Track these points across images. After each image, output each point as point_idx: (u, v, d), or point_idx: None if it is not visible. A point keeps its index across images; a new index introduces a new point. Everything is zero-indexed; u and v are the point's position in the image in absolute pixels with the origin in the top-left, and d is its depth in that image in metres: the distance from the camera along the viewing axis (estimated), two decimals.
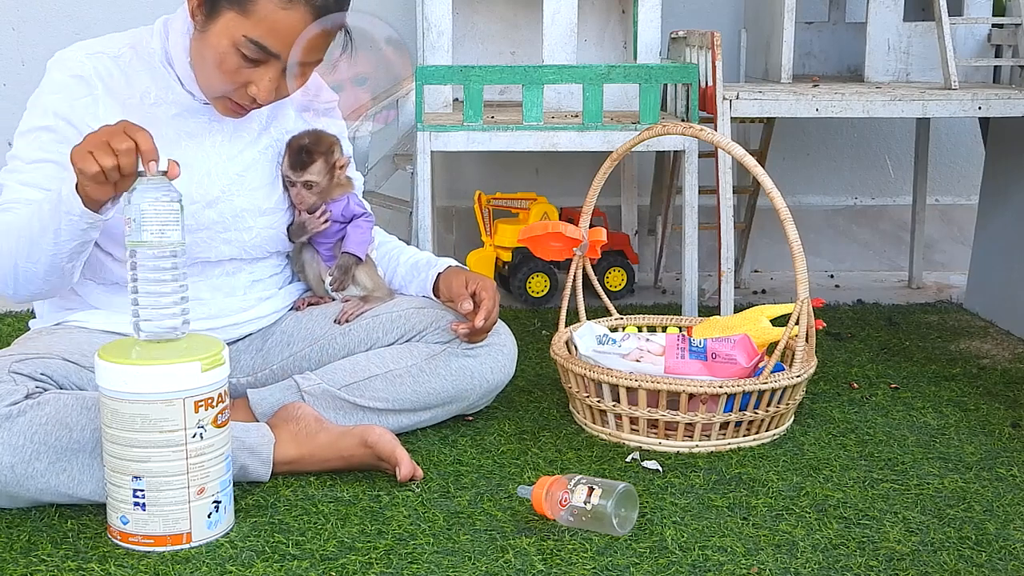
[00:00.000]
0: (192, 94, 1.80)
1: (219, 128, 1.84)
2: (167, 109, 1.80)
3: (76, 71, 1.75)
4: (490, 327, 1.93)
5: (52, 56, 1.78)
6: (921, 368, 2.35)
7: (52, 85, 1.75)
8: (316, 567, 1.45)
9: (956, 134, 3.38)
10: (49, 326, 1.83)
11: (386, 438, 1.71)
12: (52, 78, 1.76)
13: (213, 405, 1.49)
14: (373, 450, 1.71)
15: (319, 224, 1.94)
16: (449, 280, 1.97)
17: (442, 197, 3.19)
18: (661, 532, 1.56)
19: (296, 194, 1.92)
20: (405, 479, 1.69)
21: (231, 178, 1.85)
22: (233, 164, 1.86)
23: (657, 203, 3.13)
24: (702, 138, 1.99)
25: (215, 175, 1.83)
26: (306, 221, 1.94)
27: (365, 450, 1.71)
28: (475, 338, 1.93)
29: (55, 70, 1.76)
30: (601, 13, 3.05)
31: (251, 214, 1.87)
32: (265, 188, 1.90)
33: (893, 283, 3.24)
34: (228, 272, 1.89)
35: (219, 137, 1.85)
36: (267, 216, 1.90)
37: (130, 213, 1.47)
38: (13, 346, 1.76)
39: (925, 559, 1.49)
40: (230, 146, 1.86)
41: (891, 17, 2.82)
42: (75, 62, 1.76)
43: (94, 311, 1.82)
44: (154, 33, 1.82)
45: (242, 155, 1.87)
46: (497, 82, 2.38)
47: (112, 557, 1.47)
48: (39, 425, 1.53)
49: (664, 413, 1.85)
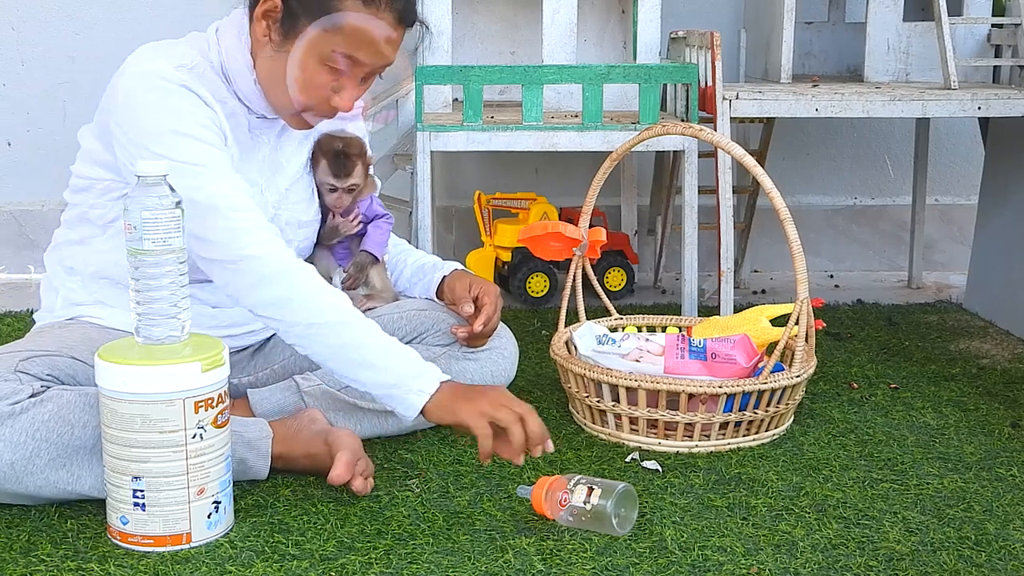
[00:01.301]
0: (247, 105, 1.76)
1: (265, 141, 1.82)
2: (237, 121, 1.76)
3: (180, 80, 1.65)
4: (490, 332, 1.93)
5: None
6: (921, 368, 2.35)
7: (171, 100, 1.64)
8: (316, 567, 1.45)
9: (956, 134, 3.38)
10: (62, 320, 1.80)
11: (345, 441, 1.67)
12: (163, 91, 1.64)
13: (213, 405, 1.49)
14: (329, 449, 1.68)
15: (353, 227, 1.94)
16: (453, 283, 1.97)
17: (442, 197, 3.19)
18: (661, 532, 1.56)
19: (337, 199, 1.91)
20: (332, 482, 1.62)
21: (280, 193, 1.84)
22: (281, 178, 1.84)
23: (657, 203, 3.13)
24: (702, 138, 1.99)
25: (266, 191, 1.81)
26: (339, 224, 1.93)
27: (324, 448, 1.69)
28: (474, 343, 1.93)
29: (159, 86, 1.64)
30: (601, 13, 3.05)
31: (293, 227, 1.85)
32: (306, 201, 1.89)
33: (893, 283, 3.24)
34: None
35: (266, 150, 1.82)
36: (304, 228, 1.90)
37: (131, 219, 1.46)
38: (24, 340, 1.75)
39: (925, 559, 1.49)
40: (275, 159, 1.84)
41: (891, 17, 2.82)
42: (173, 76, 1.65)
43: (110, 308, 1.79)
44: (210, 44, 1.75)
45: (287, 168, 1.85)
46: (497, 82, 2.38)
47: (112, 557, 1.47)
48: (41, 422, 1.53)
49: (664, 413, 1.85)
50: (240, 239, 1.62)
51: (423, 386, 1.60)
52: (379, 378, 1.61)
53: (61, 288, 1.82)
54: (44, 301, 1.87)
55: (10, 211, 3.19)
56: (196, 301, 1.82)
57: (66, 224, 1.83)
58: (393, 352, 1.63)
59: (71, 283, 1.81)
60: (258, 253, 1.62)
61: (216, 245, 1.63)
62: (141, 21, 3.11)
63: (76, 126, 1.81)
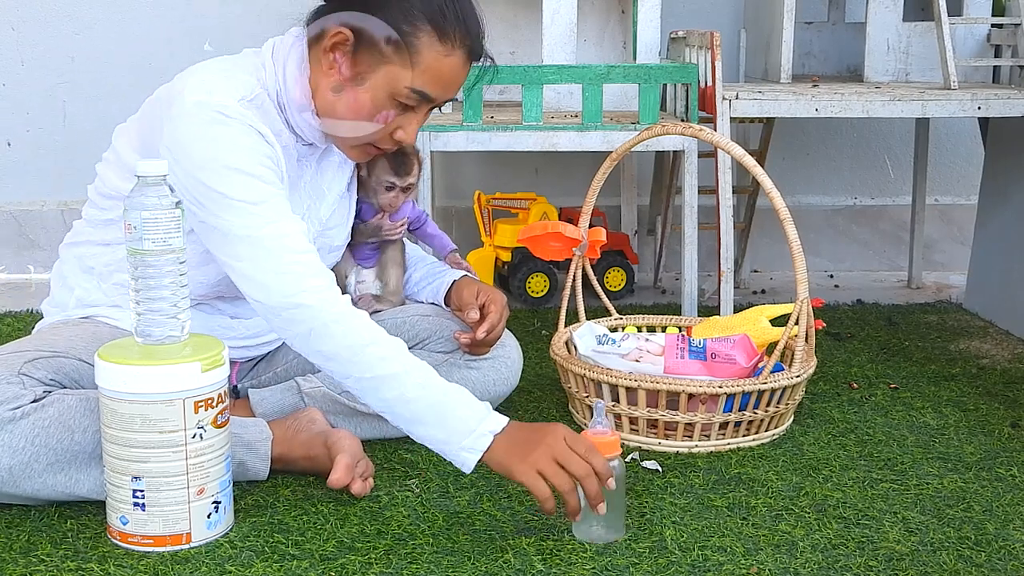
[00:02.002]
0: (298, 133, 1.73)
1: (307, 166, 1.79)
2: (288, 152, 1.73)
3: (242, 117, 1.60)
4: (493, 340, 1.91)
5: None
6: (921, 368, 2.35)
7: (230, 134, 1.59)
8: (316, 567, 1.45)
9: (956, 134, 3.38)
10: (75, 319, 1.77)
11: (344, 443, 1.67)
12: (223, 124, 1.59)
13: (213, 405, 1.49)
14: (329, 451, 1.67)
15: (397, 232, 1.96)
16: (461, 290, 1.95)
17: (442, 197, 3.20)
18: (661, 532, 1.56)
19: (394, 197, 1.92)
20: (331, 485, 1.62)
21: (321, 222, 1.83)
22: (321, 207, 1.83)
23: (657, 203, 3.13)
24: (702, 138, 1.99)
25: (310, 219, 1.79)
26: (384, 227, 1.94)
27: (323, 450, 1.68)
28: (477, 350, 1.92)
29: (219, 120, 1.58)
30: (601, 13, 3.05)
31: (323, 252, 1.81)
32: (340, 227, 1.88)
33: (893, 283, 3.24)
34: None
35: (307, 176, 1.80)
36: (334, 253, 1.89)
37: (131, 219, 1.46)
38: (33, 337, 1.72)
39: (924, 559, 1.49)
40: (315, 185, 1.81)
41: (891, 17, 2.82)
42: (236, 112, 1.60)
43: (125, 311, 1.73)
44: (266, 68, 1.69)
45: (327, 197, 1.83)
46: (497, 82, 2.37)
47: (111, 557, 1.47)
48: (41, 428, 1.53)
49: (664, 413, 1.85)
50: (292, 285, 1.56)
51: (474, 443, 1.51)
52: (430, 433, 1.54)
53: (76, 287, 1.79)
54: (56, 295, 1.83)
55: (10, 211, 3.19)
56: (216, 311, 1.82)
57: (91, 223, 1.78)
58: (446, 405, 1.54)
59: (87, 283, 1.78)
60: (311, 303, 1.55)
61: (267, 289, 1.57)
62: (141, 21, 3.11)
63: (76, 126, 1.80)
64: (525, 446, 1.50)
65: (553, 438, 1.50)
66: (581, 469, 1.48)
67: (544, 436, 1.51)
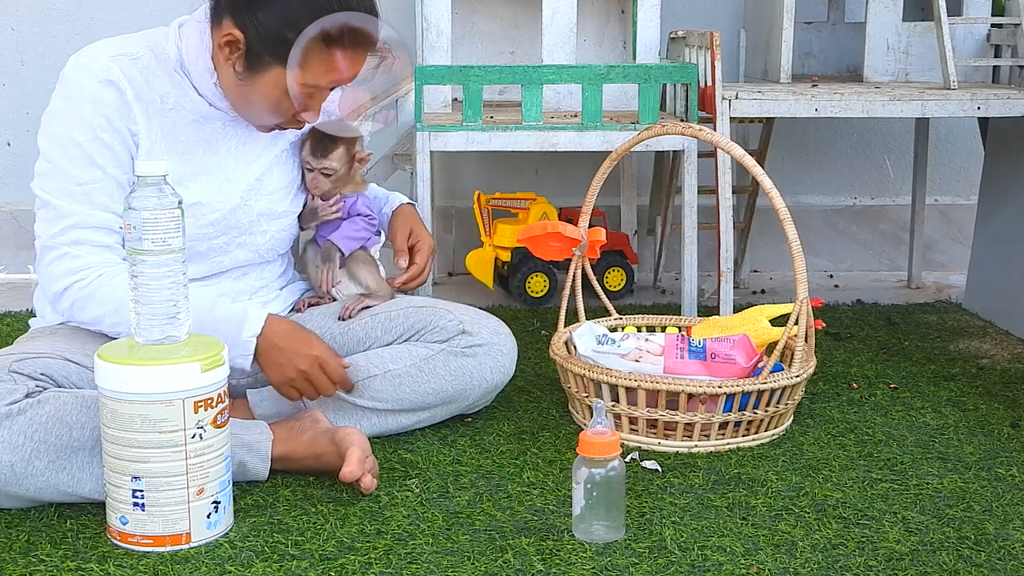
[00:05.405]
0: (208, 101, 1.80)
1: (233, 133, 1.85)
2: (184, 115, 1.79)
3: (103, 76, 1.71)
4: (416, 287, 2.01)
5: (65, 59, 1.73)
6: (920, 368, 2.35)
7: (83, 94, 1.70)
8: (315, 567, 1.45)
9: (955, 134, 3.38)
10: (52, 325, 1.82)
11: (352, 438, 1.68)
12: (80, 85, 1.71)
13: (213, 405, 1.49)
14: (337, 448, 1.68)
15: (331, 212, 1.96)
16: (395, 229, 2.04)
17: (441, 197, 3.20)
18: (660, 532, 1.56)
19: (312, 179, 1.94)
20: (344, 478, 1.63)
21: (250, 183, 1.86)
22: (251, 168, 1.87)
23: (656, 203, 3.13)
24: (701, 138, 1.99)
25: (234, 181, 1.84)
26: (318, 207, 1.96)
27: (331, 447, 1.69)
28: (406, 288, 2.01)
29: (81, 77, 1.71)
30: (600, 13, 3.05)
31: (267, 218, 1.89)
32: (281, 191, 1.91)
33: (892, 283, 3.24)
34: (235, 277, 1.90)
35: (234, 142, 1.85)
36: (281, 219, 1.92)
37: (130, 219, 1.46)
38: (15, 345, 1.76)
39: (924, 559, 1.49)
40: (246, 150, 1.86)
41: (890, 17, 2.82)
42: (100, 67, 1.71)
43: None
44: (169, 38, 1.79)
45: (259, 159, 1.88)
46: (496, 82, 2.38)
47: (111, 557, 1.47)
48: (39, 424, 1.53)
49: (663, 413, 1.85)
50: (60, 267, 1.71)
51: (244, 350, 1.72)
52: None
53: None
54: (37, 307, 1.88)
55: (10, 211, 3.19)
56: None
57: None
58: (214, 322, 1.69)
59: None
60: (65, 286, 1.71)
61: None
62: (141, 21, 3.11)
63: None
64: (282, 355, 1.73)
65: (310, 361, 1.73)
66: (328, 391, 1.76)
67: (300, 353, 1.74)
